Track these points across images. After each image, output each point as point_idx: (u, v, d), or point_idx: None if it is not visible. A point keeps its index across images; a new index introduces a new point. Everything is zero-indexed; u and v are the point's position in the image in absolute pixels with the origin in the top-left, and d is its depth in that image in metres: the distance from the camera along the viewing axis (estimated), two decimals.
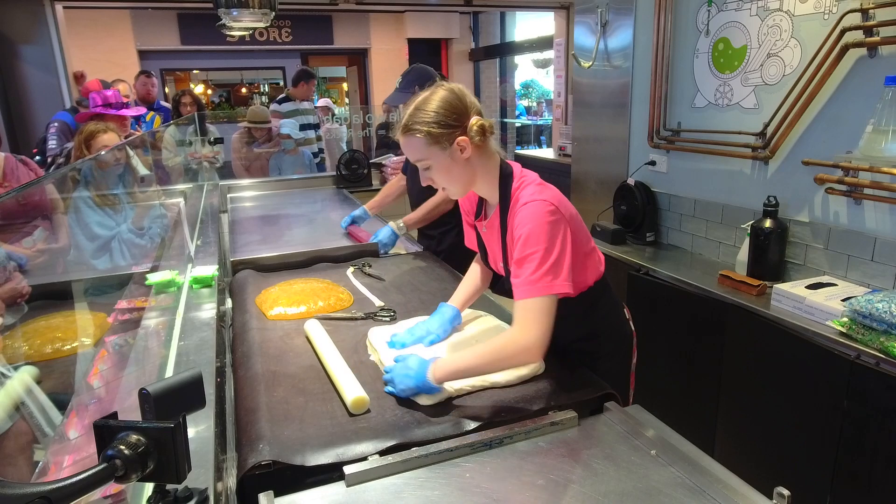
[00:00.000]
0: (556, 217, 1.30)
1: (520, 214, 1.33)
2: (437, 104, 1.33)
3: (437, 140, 1.32)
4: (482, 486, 1.07)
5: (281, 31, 8.91)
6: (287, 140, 4.92)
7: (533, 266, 1.27)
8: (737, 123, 2.48)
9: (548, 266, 1.27)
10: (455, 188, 1.41)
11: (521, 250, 1.30)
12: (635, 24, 2.93)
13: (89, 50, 7.44)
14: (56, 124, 3.66)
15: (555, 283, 1.27)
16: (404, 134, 1.36)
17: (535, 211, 1.30)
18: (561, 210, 1.33)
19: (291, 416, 1.24)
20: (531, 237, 1.28)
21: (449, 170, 1.36)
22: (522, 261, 1.29)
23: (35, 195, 1.56)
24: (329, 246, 2.49)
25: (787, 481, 1.10)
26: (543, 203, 1.31)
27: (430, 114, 1.32)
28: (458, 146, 1.33)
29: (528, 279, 1.27)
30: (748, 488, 1.04)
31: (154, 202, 2.63)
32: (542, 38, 7.50)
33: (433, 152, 1.33)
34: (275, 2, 3.09)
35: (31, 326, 1.39)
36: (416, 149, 1.35)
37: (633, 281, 2.65)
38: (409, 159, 1.41)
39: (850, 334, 1.77)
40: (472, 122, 1.34)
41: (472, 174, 1.39)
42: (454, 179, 1.39)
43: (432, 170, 1.37)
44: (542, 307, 1.26)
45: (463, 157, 1.34)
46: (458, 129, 1.33)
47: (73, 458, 1.01)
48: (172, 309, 1.73)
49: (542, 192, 1.35)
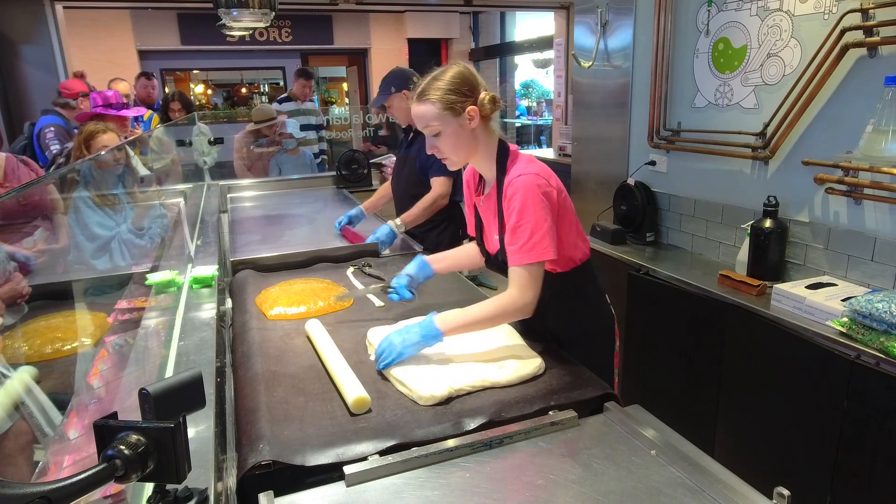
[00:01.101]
0: (546, 189, 1.45)
1: (513, 185, 1.45)
2: (452, 74, 1.46)
3: (451, 106, 1.44)
4: (482, 486, 1.07)
5: (281, 31, 8.90)
6: (289, 140, 4.91)
7: (526, 235, 1.41)
8: (737, 123, 2.48)
9: (539, 235, 1.41)
10: (457, 157, 1.52)
11: (515, 220, 1.43)
12: (635, 24, 2.93)
13: (89, 50, 7.44)
14: (53, 128, 3.62)
15: (545, 251, 1.42)
16: (419, 100, 1.47)
17: (527, 182, 1.43)
18: (551, 183, 1.48)
19: (291, 416, 1.24)
20: (524, 208, 1.42)
21: (457, 137, 1.48)
22: (516, 229, 1.43)
23: (35, 195, 1.56)
24: (329, 246, 2.49)
25: (787, 481, 1.10)
26: (535, 176, 1.45)
27: (445, 82, 1.45)
28: (468, 115, 1.45)
29: (522, 247, 1.42)
30: (748, 488, 1.04)
31: (154, 202, 2.63)
32: (542, 38, 7.50)
33: (445, 118, 1.45)
34: (275, 2, 3.09)
35: (31, 326, 1.39)
36: (429, 115, 1.46)
37: (633, 281, 2.65)
38: (419, 126, 1.51)
39: (850, 334, 1.77)
40: (483, 95, 1.47)
41: (475, 146, 1.51)
42: (459, 147, 1.50)
43: (441, 136, 1.48)
44: (535, 272, 1.43)
45: (471, 125, 1.47)
46: (469, 99, 1.46)
47: (73, 458, 1.01)
48: (172, 309, 1.73)
49: (534, 167, 1.49)
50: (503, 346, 1.52)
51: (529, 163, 1.52)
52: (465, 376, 1.36)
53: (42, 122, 3.72)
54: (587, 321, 1.67)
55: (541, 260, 1.42)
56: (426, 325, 1.44)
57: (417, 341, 1.42)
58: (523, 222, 1.42)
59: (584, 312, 1.68)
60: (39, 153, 3.60)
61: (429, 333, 1.43)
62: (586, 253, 1.65)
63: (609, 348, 1.73)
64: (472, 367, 1.40)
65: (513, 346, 1.52)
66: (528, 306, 1.43)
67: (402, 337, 1.42)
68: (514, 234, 1.43)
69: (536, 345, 1.54)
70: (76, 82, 4.06)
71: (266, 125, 4.78)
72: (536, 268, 1.43)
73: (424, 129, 1.50)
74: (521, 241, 1.42)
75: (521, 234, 1.42)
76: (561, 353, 1.53)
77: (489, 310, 1.45)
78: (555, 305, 1.62)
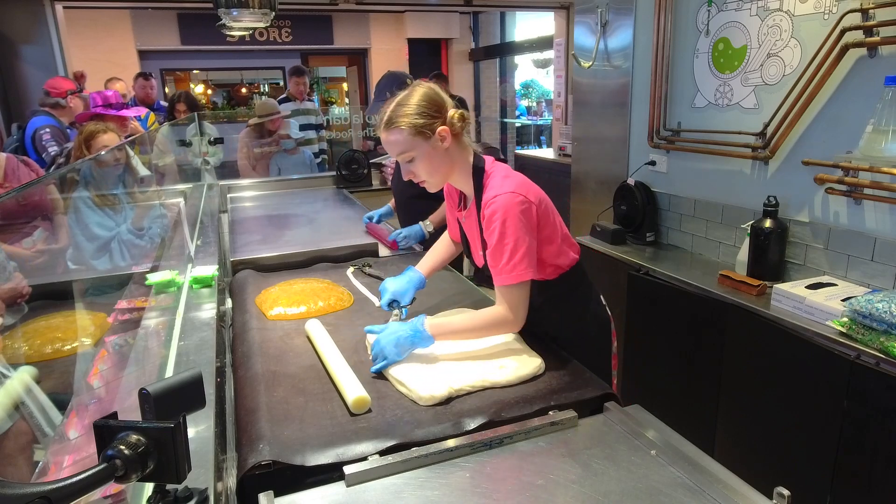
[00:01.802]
0: (525, 207, 1.42)
1: (491, 206, 1.43)
2: (418, 98, 1.42)
3: (421, 131, 1.41)
4: (482, 486, 1.07)
5: (281, 31, 8.90)
6: (287, 140, 4.91)
7: (506, 257, 1.41)
8: (737, 123, 2.48)
9: (518, 257, 1.40)
10: (435, 179, 1.51)
11: (494, 241, 1.42)
12: (635, 24, 2.93)
13: (89, 50, 7.44)
14: (48, 129, 3.54)
15: (527, 271, 1.42)
16: (388, 129, 1.44)
17: (504, 203, 1.41)
18: (529, 198, 1.44)
19: (291, 416, 1.24)
20: (503, 230, 1.40)
21: (431, 160, 1.45)
22: (495, 251, 1.42)
23: (35, 195, 1.56)
24: (329, 246, 2.49)
25: (787, 481, 1.10)
26: (512, 195, 1.42)
27: (412, 107, 1.41)
28: (439, 136, 1.43)
29: (503, 268, 1.41)
30: (748, 488, 1.04)
31: (154, 202, 2.63)
32: (542, 38, 7.50)
33: (416, 143, 1.42)
34: (275, 2, 3.09)
35: (31, 326, 1.39)
36: (400, 142, 1.43)
37: (633, 281, 2.65)
38: (391, 154, 1.49)
39: (850, 334, 1.77)
40: (451, 113, 1.45)
41: (451, 165, 1.50)
42: (435, 170, 1.47)
43: (415, 161, 1.45)
44: (520, 291, 1.44)
45: (444, 146, 1.44)
46: (438, 120, 1.43)
47: (73, 458, 1.01)
48: (172, 309, 1.73)
49: (510, 183, 1.45)
50: (503, 346, 1.52)
51: (505, 178, 1.48)
52: (464, 376, 1.36)
53: (35, 124, 3.63)
54: (581, 324, 1.67)
55: (520, 281, 1.42)
56: (417, 331, 1.43)
57: (408, 347, 1.42)
58: (503, 244, 1.41)
59: (577, 315, 1.67)
60: (34, 156, 3.51)
61: (418, 338, 1.43)
62: (574, 258, 1.64)
63: (606, 350, 1.72)
64: (472, 368, 1.40)
65: (513, 346, 1.52)
66: (516, 322, 1.46)
67: (394, 342, 1.41)
68: (493, 255, 1.44)
69: (536, 345, 1.54)
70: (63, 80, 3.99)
71: (269, 119, 4.80)
72: (522, 286, 1.44)
73: (398, 156, 1.47)
74: (501, 262, 1.42)
75: (500, 255, 1.42)
76: (561, 353, 1.53)
77: (479, 322, 1.46)
78: (547, 310, 1.63)
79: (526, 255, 1.41)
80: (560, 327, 1.65)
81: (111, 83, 4.83)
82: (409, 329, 1.43)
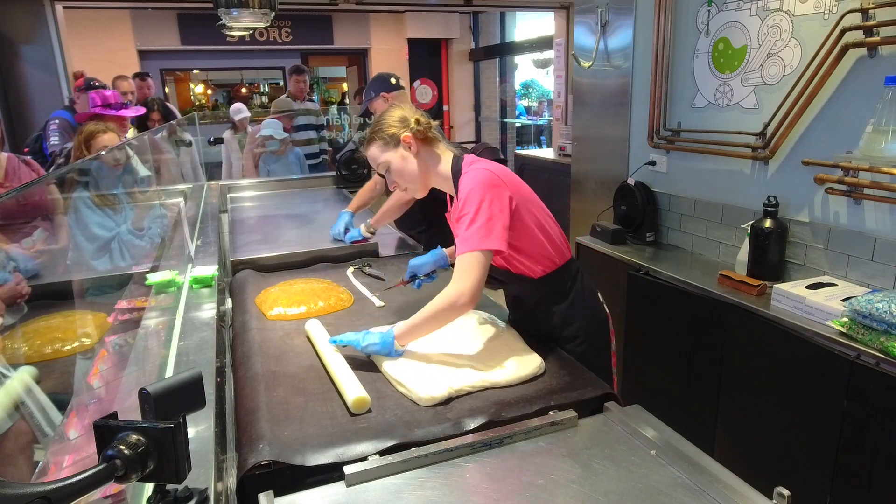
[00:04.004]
0: (493, 182, 1.46)
1: (462, 182, 1.51)
2: (384, 115, 1.60)
3: (388, 142, 1.57)
4: (482, 486, 1.07)
5: (281, 31, 8.90)
6: (271, 140, 4.94)
7: (466, 223, 1.43)
8: (737, 123, 2.48)
9: (479, 224, 1.41)
10: (412, 184, 1.61)
11: (458, 210, 1.46)
12: (635, 24, 2.93)
13: (89, 50, 7.44)
14: (57, 121, 3.64)
15: (486, 240, 1.40)
16: (366, 147, 1.62)
17: (472, 176, 1.48)
18: (502, 178, 1.48)
19: (291, 416, 1.24)
20: (468, 198, 1.44)
21: (403, 167, 1.57)
22: (459, 218, 1.46)
23: (35, 195, 1.56)
24: (329, 246, 2.49)
25: (787, 481, 1.10)
26: (482, 171, 1.49)
27: (380, 123, 1.59)
28: (404, 143, 1.56)
29: (463, 236, 1.42)
30: (748, 488, 1.04)
31: (154, 202, 2.63)
32: (542, 38, 7.49)
33: (387, 154, 1.58)
34: (275, 2, 3.08)
35: (31, 326, 1.39)
36: (376, 155, 1.59)
37: (633, 281, 2.65)
38: (376, 168, 1.63)
39: (850, 334, 1.77)
40: (411, 120, 1.57)
41: (426, 170, 1.59)
42: (409, 175, 1.58)
43: (391, 170, 1.59)
44: (473, 261, 1.40)
45: (412, 152, 1.57)
46: (403, 129, 1.56)
47: (73, 458, 1.01)
48: (172, 309, 1.73)
49: (488, 164, 1.54)
50: (503, 346, 1.52)
51: (484, 164, 1.54)
52: (464, 377, 1.36)
53: (53, 115, 3.74)
54: (579, 322, 1.66)
55: (480, 249, 1.39)
56: (386, 341, 1.45)
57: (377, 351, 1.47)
58: (464, 212, 1.43)
59: (575, 313, 1.66)
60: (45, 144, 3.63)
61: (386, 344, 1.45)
62: (565, 255, 1.65)
63: (605, 348, 1.72)
64: (472, 368, 1.40)
65: (513, 346, 1.52)
66: (463, 295, 1.38)
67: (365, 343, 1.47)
68: (457, 223, 1.46)
69: (536, 345, 1.54)
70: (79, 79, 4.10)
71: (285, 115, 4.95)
72: (476, 257, 1.40)
73: (378, 168, 1.61)
74: (461, 229, 1.43)
75: (462, 223, 1.43)
76: (561, 353, 1.54)
77: (430, 308, 1.43)
78: (543, 309, 1.63)
79: (487, 224, 1.40)
80: (557, 326, 1.65)
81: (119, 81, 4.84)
82: (378, 337, 1.46)
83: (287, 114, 5.01)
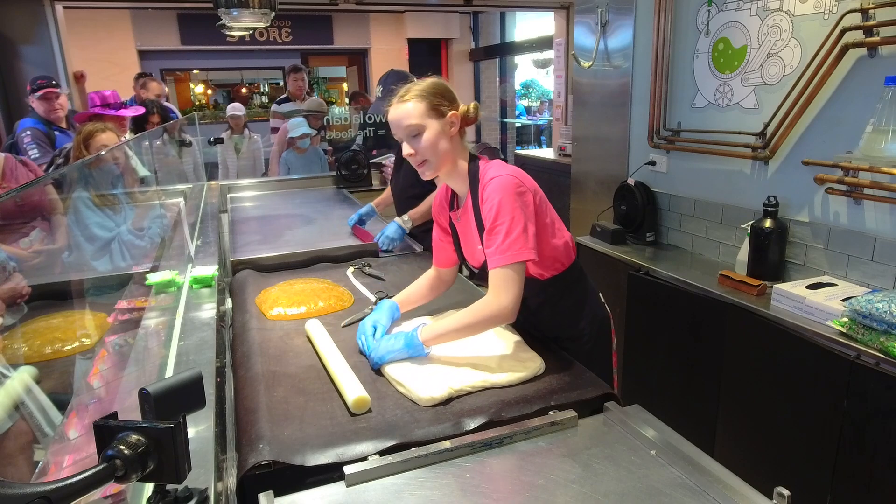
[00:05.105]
0: (522, 189, 1.43)
1: (489, 188, 1.44)
2: (433, 82, 1.49)
3: (436, 108, 1.45)
4: (482, 486, 1.07)
5: (281, 31, 8.90)
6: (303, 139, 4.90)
7: (502, 236, 1.39)
8: (737, 123, 2.48)
9: (515, 235, 1.38)
10: (433, 161, 1.49)
11: (491, 221, 1.41)
12: (635, 24, 2.93)
13: (89, 50, 7.43)
14: (29, 132, 3.44)
15: (522, 251, 1.38)
16: (401, 101, 1.46)
17: (503, 183, 1.42)
18: (526, 185, 1.46)
19: (291, 416, 1.24)
20: (501, 209, 1.40)
21: (437, 140, 1.46)
22: (492, 230, 1.41)
23: (34, 196, 1.56)
24: (329, 246, 2.49)
25: (787, 481, 1.10)
26: (509, 177, 1.44)
27: (428, 85, 1.47)
28: (450, 119, 1.47)
29: (499, 248, 1.39)
30: (748, 488, 1.04)
31: (154, 202, 2.63)
32: (542, 38, 7.49)
33: (428, 117, 1.45)
34: (275, 2, 3.08)
35: (31, 326, 1.39)
36: (414, 112, 1.45)
37: (633, 281, 2.65)
38: (402, 124, 1.46)
39: (850, 334, 1.77)
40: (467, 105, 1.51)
41: (451, 154, 1.51)
42: (437, 152, 1.47)
43: (422, 137, 1.45)
44: (513, 274, 1.39)
45: (452, 131, 1.48)
46: (452, 105, 1.49)
47: (73, 458, 1.01)
48: (172, 309, 1.73)
49: (508, 169, 1.48)
50: (503, 346, 1.52)
51: (502, 166, 1.50)
52: (464, 377, 1.36)
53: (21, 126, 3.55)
54: (581, 322, 1.66)
55: (518, 261, 1.38)
56: (411, 340, 1.43)
57: (402, 358, 1.44)
58: (499, 223, 1.39)
59: (577, 314, 1.67)
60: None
61: (412, 346, 1.43)
62: (571, 256, 1.63)
63: (606, 347, 1.73)
64: (472, 368, 1.40)
65: (513, 346, 1.52)
66: (505, 310, 1.38)
67: (388, 347, 1.44)
68: (490, 235, 1.42)
69: (536, 345, 1.54)
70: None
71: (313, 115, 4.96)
72: (515, 269, 1.38)
73: (405, 128, 1.46)
74: (496, 242, 1.39)
75: (496, 235, 1.39)
76: (561, 353, 1.53)
77: (467, 318, 1.41)
78: (546, 310, 1.63)
79: (522, 234, 1.39)
80: (559, 326, 1.65)
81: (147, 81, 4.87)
82: (402, 342, 1.43)
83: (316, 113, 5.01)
